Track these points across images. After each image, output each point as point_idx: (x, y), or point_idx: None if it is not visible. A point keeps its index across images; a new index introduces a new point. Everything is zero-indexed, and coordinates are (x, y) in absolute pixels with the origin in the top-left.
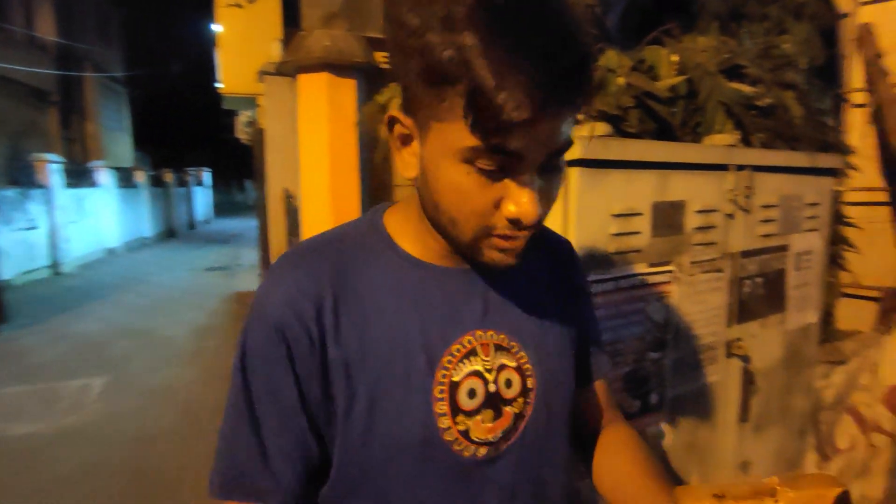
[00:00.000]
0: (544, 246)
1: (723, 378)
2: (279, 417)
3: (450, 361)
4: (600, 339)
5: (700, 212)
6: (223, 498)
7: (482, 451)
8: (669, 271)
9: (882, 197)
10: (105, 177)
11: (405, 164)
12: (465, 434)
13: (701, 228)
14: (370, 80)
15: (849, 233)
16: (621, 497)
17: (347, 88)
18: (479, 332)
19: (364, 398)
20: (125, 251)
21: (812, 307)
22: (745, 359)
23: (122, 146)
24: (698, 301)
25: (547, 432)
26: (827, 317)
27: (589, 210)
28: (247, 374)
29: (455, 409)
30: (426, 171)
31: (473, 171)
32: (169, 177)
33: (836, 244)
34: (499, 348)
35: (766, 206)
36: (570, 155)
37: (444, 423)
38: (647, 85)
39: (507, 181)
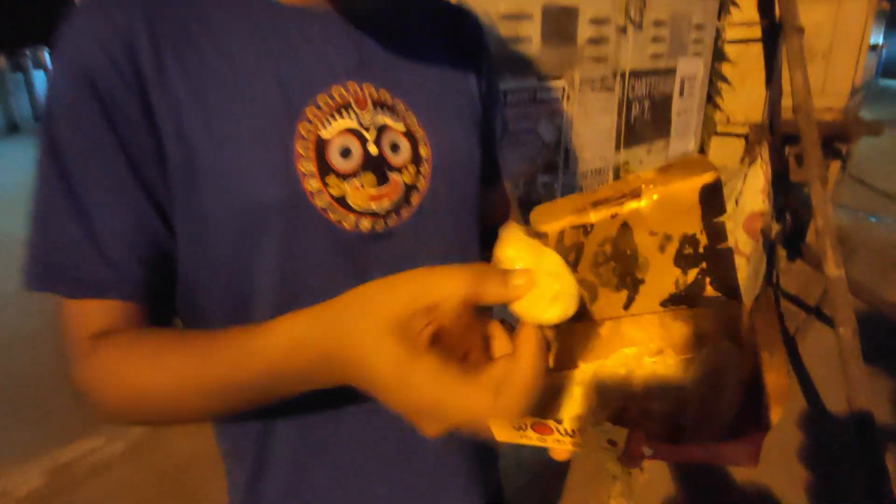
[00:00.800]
0: (447, 15)
1: None
2: (107, 189)
3: (316, 115)
4: (507, 132)
5: (593, 21)
6: (43, 288)
7: (365, 222)
8: (561, 87)
9: (756, 34)
10: None
11: None
12: (342, 201)
13: (593, 41)
14: None
15: (724, 69)
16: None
17: None
18: (351, 85)
19: (208, 156)
20: None
21: (692, 135)
22: None
23: None
24: (589, 122)
25: (450, 214)
26: (701, 153)
27: (472, 7)
28: (57, 139)
29: (325, 169)
30: None
31: None
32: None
33: (714, 79)
34: (380, 106)
35: (658, 24)
36: None
37: (313, 184)
38: None
39: None
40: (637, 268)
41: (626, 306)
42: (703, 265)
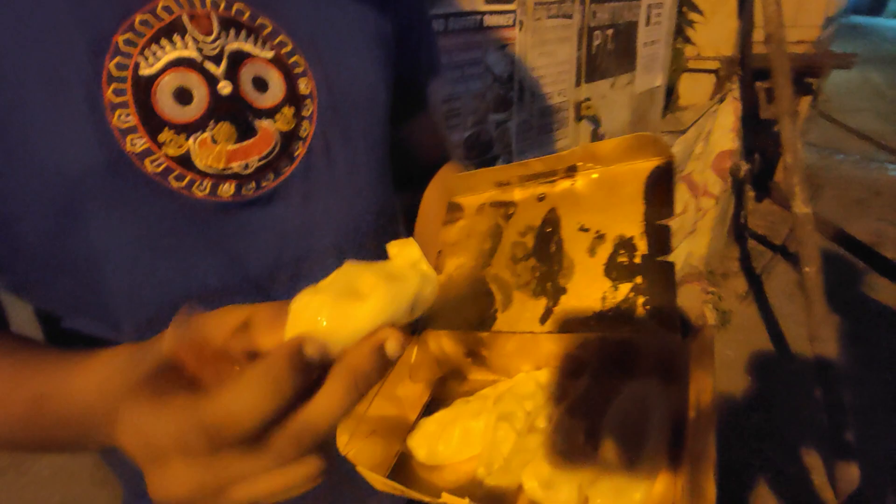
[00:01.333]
0: None
1: (572, 143)
2: None
3: (131, 42)
4: (437, 66)
5: None
6: None
7: (227, 187)
8: (511, 11)
9: None
10: None
11: None
12: (184, 162)
13: None
14: None
15: None
16: (420, 227)
17: None
18: None
19: None
20: None
21: (660, 69)
22: (595, 121)
23: None
24: (545, 53)
25: (349, 164)
26: (670, 92)
27: None
28: None
29: (154, 122)
30: None
31: None
32: None
33: (683, 9)
34: (233, 26)
35: None
36: None
37: (138, 143)
38: None
39: None
40: (561, 272)
41: (543, 319)
42: (638, 280)
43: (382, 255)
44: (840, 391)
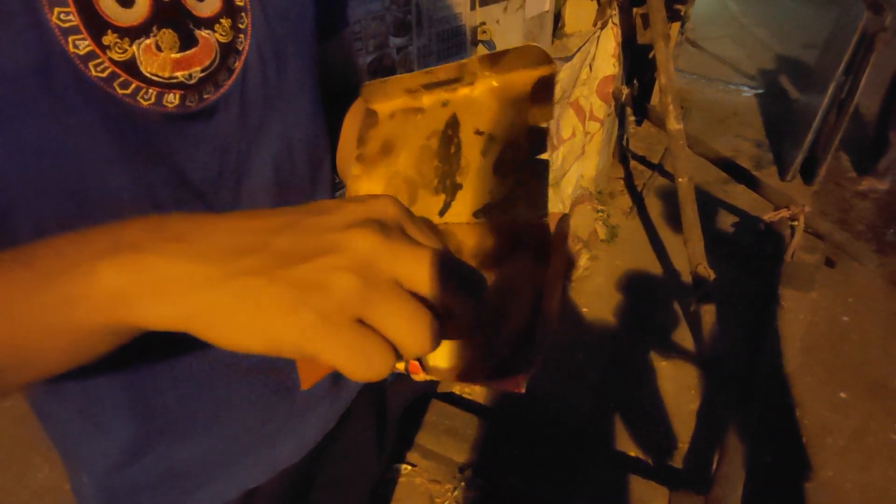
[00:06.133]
0: None
1: None
2: None
3: None
4: None
5: None
6: None
7: (172, 97)
8: None
9: None
10: None
11: None
12: (131, 68)
13: None
14: None
15: None
16: (342, 150)
17: None
18: None
19: None
20: None
21: None
22: (491, 46)
23: None
24: None
25: (282, 81)
26: (557, 19)
27: None
28: None
29: (97, 23)
30: None
31: None
32: None
33: None
34: None
35: None
36: None
37: (81, 45)
38: None
39: None
40: (458, 171)
41: (442, 212)
42: (520, 175)
43: (315, 173)
44: (707, 285)
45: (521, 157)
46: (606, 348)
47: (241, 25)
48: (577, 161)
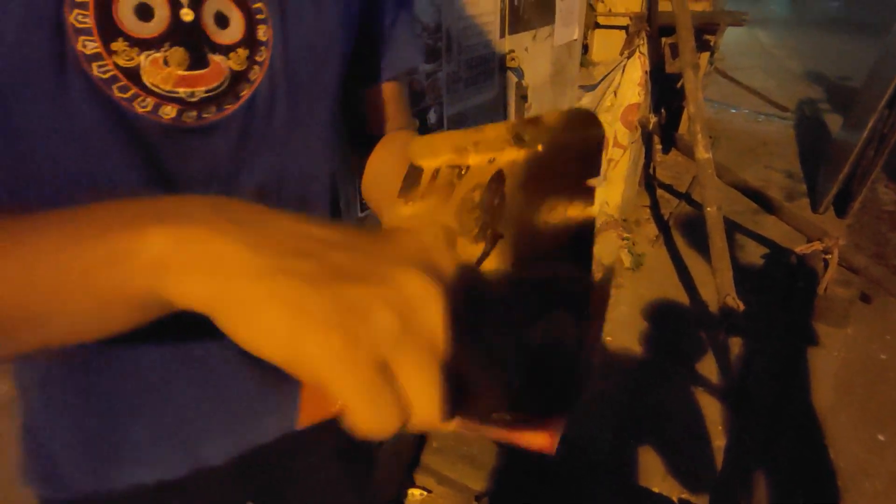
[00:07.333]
0: None
1: (498, 94)
2: None
3: None
4: (406, 29)
5: None
6: None
7: (170, 110)
8: None
9: None
10: None
11: None
12: (133, 75)
13: None
14: None
15: None
16: (374, 188)
17: None
18: None
19: None
20: None
21: (576, 23)
22: (519, 73)
23: None
24: (470, 4)
25: (291, 117)
26: (584, 47)
27: None
28: None
29: (109, 29)
30: None
31: None
32: None
33: None
34: None
35: None
36: None
37: (89, 46)
38: None
39: None
40: (500, 222)
41: (480, 261)
42: (565, 230)
43: (303, 209)
44: (735, 316)
45: (568, 212)
46: (630, 378)
47: (258, 58)
48: (599, 188)
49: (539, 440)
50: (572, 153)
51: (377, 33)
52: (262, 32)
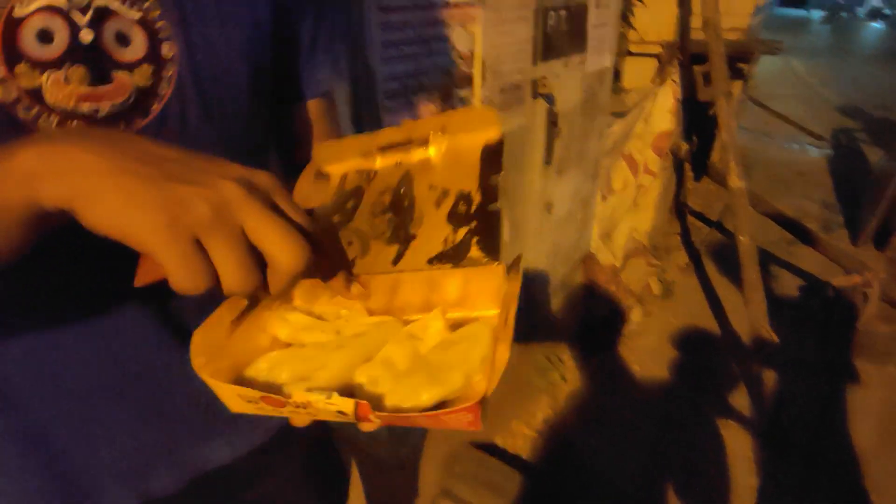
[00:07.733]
0: None
1: (529, 120)
2: None
3: None
4: (334, 46)
5: None
6: None
7: (75, 126)
8: None
9: None
10: None
11: None
12: (36, 95)
13: None
14: None
15: None
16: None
17: None
18: None
19: None
20: None
21: (608, 50)
22: (550, 99)
23: None
24: (504, 32)
25: (206, 132)
26: (615, 74)
27: None
28: None
29: (14, 55)
30: None
31: None
32: None
33: None
34: None
35: None
36: None
37: None
38: None
39: None
40: (412, 222)
41: (395, 261)
42: (473, 224)
43: None
44: (769, 348)
45: (474, 207)
46: (658, 408)
47: (165, 73)
48: (628, 213)
49: (464, 419)
50: (476, 152)
51: (296, 51)
52: (167, 49)
